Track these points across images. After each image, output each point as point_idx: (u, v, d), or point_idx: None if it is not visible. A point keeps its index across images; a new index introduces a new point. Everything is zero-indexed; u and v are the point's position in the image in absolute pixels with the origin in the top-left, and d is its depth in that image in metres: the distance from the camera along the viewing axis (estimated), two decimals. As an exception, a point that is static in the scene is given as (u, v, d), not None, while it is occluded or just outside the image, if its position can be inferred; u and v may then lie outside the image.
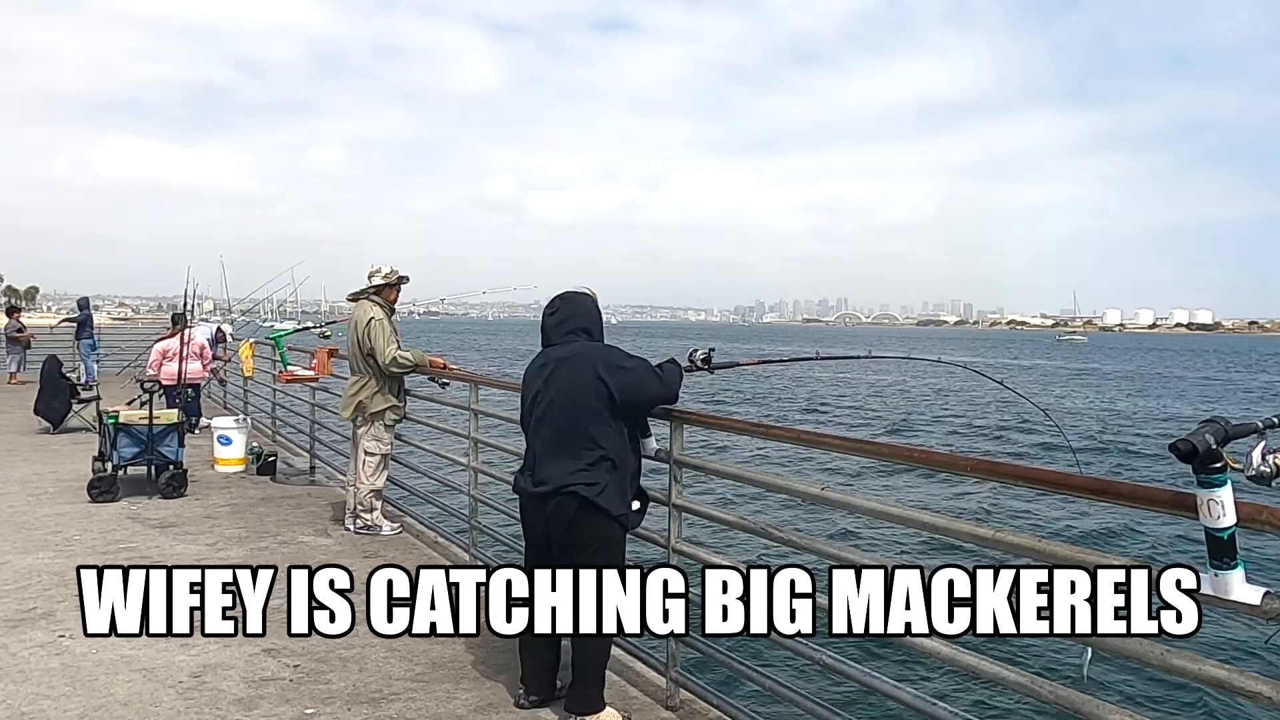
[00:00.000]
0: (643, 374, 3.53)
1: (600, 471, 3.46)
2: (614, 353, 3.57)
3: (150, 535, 6.40)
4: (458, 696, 3.83)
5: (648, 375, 3.55)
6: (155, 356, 11.02)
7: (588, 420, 3.47)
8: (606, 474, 3.46)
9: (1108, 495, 2.35)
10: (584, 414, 3.47)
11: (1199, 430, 1.96)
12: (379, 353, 6.27)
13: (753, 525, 3.64)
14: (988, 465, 2.82)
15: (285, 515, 7.14)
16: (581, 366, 3.51)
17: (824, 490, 3.24)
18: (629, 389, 3.47)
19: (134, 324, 36.33)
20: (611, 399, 3.44)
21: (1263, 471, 1.94)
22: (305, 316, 23.71)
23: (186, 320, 10.74)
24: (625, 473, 3.52)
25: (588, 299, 3.74)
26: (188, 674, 3.98)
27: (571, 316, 3.66)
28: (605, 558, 3.47)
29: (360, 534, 6.50)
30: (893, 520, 2.98)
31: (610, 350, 3.59)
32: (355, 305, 6.52)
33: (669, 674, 3.82)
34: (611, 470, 3.47)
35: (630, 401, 3.49)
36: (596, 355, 3.54)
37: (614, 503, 3.47)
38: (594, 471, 3.45)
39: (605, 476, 3.45)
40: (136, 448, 7.74)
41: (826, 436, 3.82)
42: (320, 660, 4.16)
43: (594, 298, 3.76)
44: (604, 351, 3.57)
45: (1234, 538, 1.96)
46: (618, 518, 3.50)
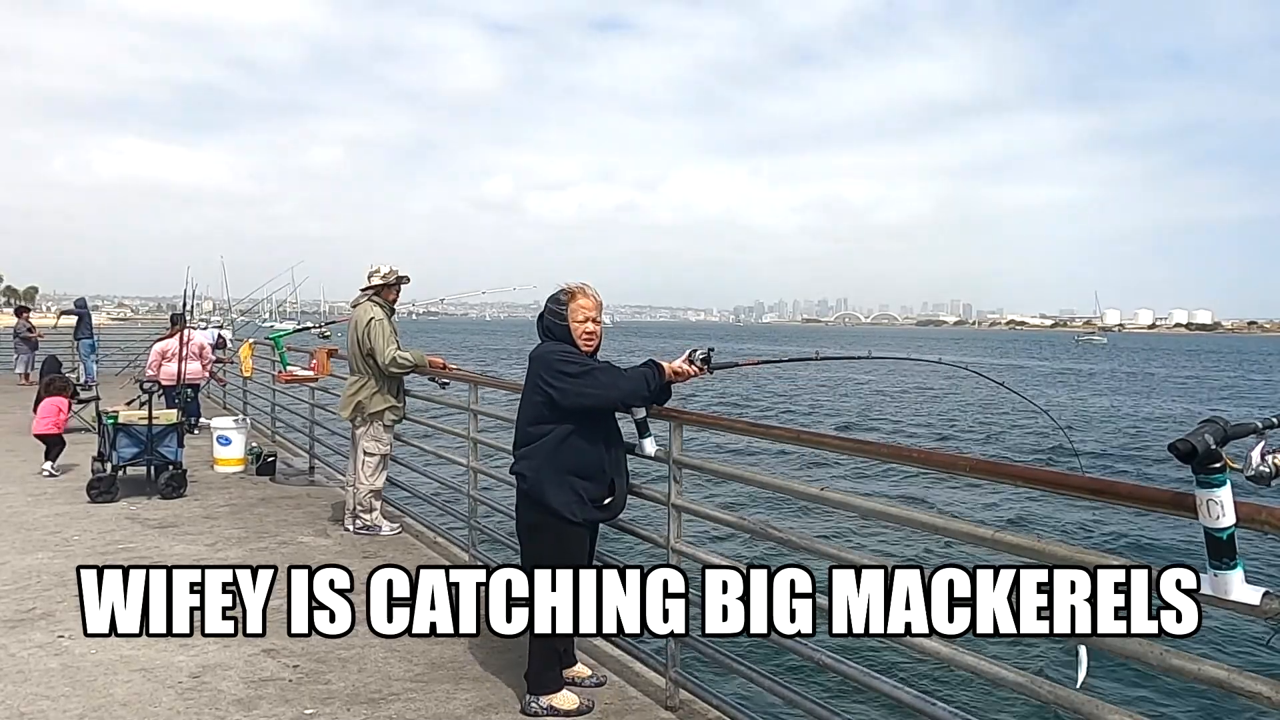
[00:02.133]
0: (587, 380, 3.64)
1: (539, 465, 3.65)
2: (555, 360, 3.69)
3: (150, 535, 6.40)
4: (457, 697, 3.83)
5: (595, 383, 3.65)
6: (154, 357, 11.02)
7: (538, 414, 3.71)
8: (549, 468, 3.64)
9: (1107, 495, 2.35)
10: (537, 409, 3.72)
11: (1198, 430, 1.96)
12: (379, 353, 6.26)
13: (752, 525, 3.64)
14: (986, 465, 2.82)
15: (285, 515, 7.14)
16: (534, 369, 3.77)
17: (823, 490, 3.24)
18: (571, 394, 3.63)
19: (133, 324, 36.32)
20: (559, 401, 3.65)
21: (1262, 472, 1.94)
22: (305, 316, 23.75)
23: (186, 321, 10.74)
24: (571, 469, 3.64)
25: (547, 303, 3.86)
26: (187, 674, 3.98)
27: (538, 322, 3.90)
28: (543, 552, 3.66)
29: (360, 534, 6.50)
30: (892, 520, 2.98)
31: (553, 350, 3.73)
32: (355, 306, 6.53)
33: (669, 674, 3.82)
34: (554, 466, 3.64)
35: (578, 404, 3.64)
36: (542, 361, 3.73)
37: (552, 496, 3.61)
38: (533, 463, 3.67)
39: (548, 471, 3.64)
40: (136, 448, 7.74)
41: (826, 436, 3.82)
42: (320, 660, 4.16)
43: (557, 292, 3.84)
44: (548, 357, 3.72)
45: (1233, 538, 1.96)
46: (558, 513, 3.62)
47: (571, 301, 3.79)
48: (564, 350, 3.71)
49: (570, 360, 3.66)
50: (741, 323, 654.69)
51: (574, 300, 3.79)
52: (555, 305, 3.81)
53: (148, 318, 59.26)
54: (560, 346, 3.73)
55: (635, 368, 3.76)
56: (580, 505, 3.65)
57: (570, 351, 3.71)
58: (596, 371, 3.68)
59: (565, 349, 3.72)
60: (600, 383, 3.65)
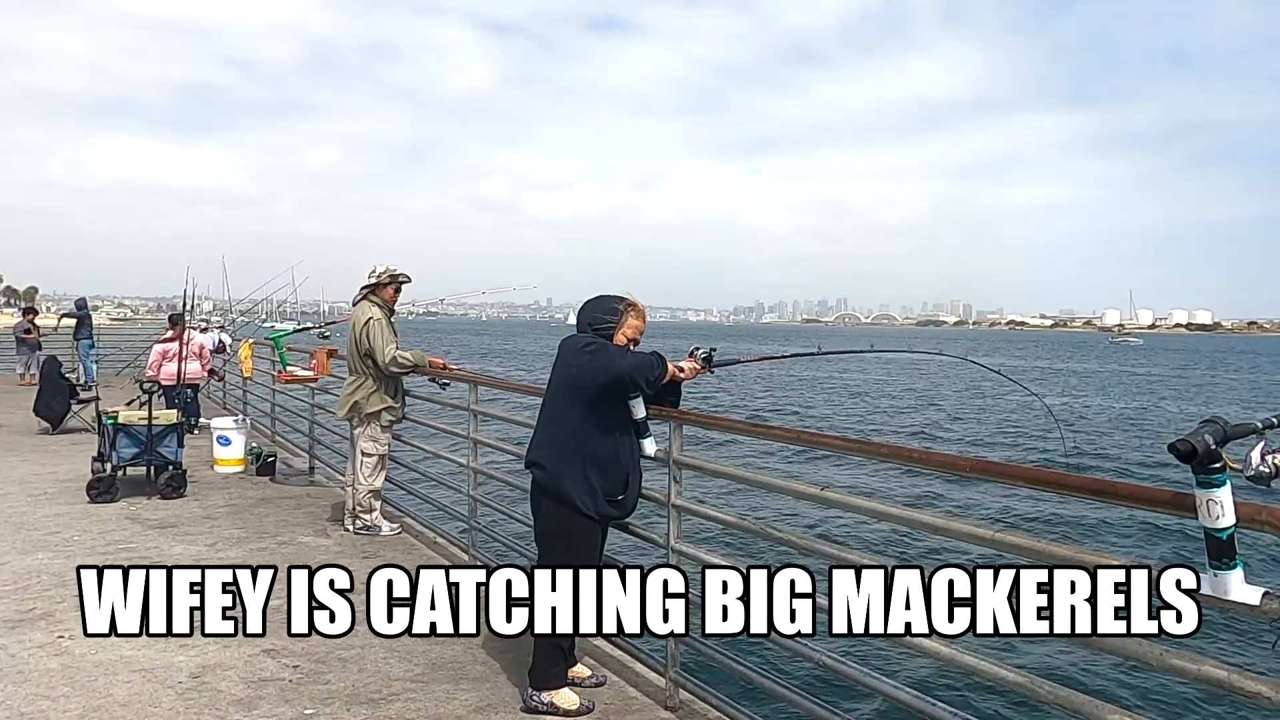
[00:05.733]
0: (599, 354, 3.62)
1: (556, 455, 3.65)
2: (581, 338, 3.72)
3: (149, 536, 6.39)
4: (457, 697, 3.83)
5: (606, 355, 3.62)
6: (155, 357, 11.03)
7: (557, 405, 3.72)
8: (565, 458, 3.63)
9: (1107, 495, 2.35)
10: (556, 399, 3.73)
11: (1198, 430, 1.95)
12: (378, 353, 6.26)
13: (752, 525, 3.64)
14: (986, 465, 2.82)
15: (284, 516, 7.14)
16: (561, 355, 3.76)
17: (824, 490, 3.24)
18: (587, 369, 3.61)
19: (133, 324, 36.29)
20: (575, 380, 3.64)
21: (1262, 472, 1.94)
22: (304, 317, 23.72)
23: (185, 321, 10.74)
24: (586, 459, 3.63)
25: (599, 301, 3.85)
26: (187, 674, 3.98)
27: (580, 314, 3.87)
28: (554, 544, 3.67)
29: (359, 534, 6.50)
30: (893, 520, 2.98)
31: (579, 336, 3.75)
32: (355, 306, 6.52)
33: (668, 674, 3.82)
34: (570, 456, 3.62)
35: (593, 381, 3.61)
36: (569, 343, 3.74)
37: (566, 485, 3.61)
38: (549, 452, 3.67)
39: (564, 460, 3.63)
40: (136, 448, 7.74)
41: (826, 436, 3.82)
42: (320, 661, 4.16)
43: (613, 302, 3.82)
44: (575, 338, 3.75)
45: (1233, 538, 1.95)
46: (571, 503, 3.61)
47: (629, 313, 3.80)
48: (590, 335, 3.74)
49: (592, 341, 3.69)
50: (731, 323, 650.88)
51: (631, 313, 3.80)
52: (608, 313, 3.79)
53: (147, 317, 59.18)
54: (586, 334, 3.76)
55: (645, 354, 3.77)
56: (593, 498, 3.65)
57: (595, 335, 3.74)
58: (610, 347, 3.69)
59: (593, 335, 3.74)
60: (611, 353, 3.65)
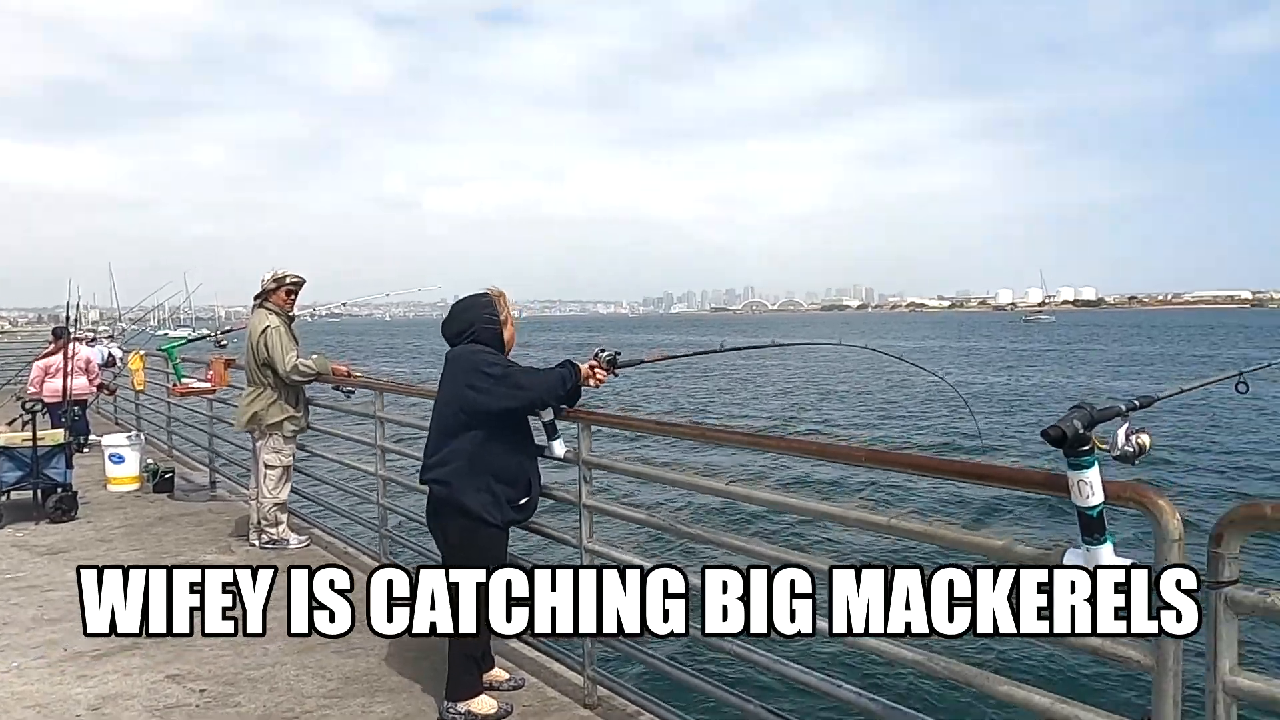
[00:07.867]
0: (506, 380, 3.61)
1: (458, 471, 3.61)
2: (479, 356, 3.67)
3: (39, 563, 6.10)
4: (374, 710, 3.79)
5: (513, 381, 3.62)
6: (37, 373, 10.47)
7: (453, 421, 3.66)
8: (467, 474, 3.61)
9: (988, 479, 2.48)
10: (456, 417, 3.66)
11: (1068, 416, 2.09)
12: (277, 362, 6.08)
13: (661, 522, 3.71)
14: (879, 455, 2.95)
15: (185, 534, 6.90)
16: (454, 371, 3.70)
17: (729, 485, 3.32)
18: (494, 395, 3.59)
19: (12, 338, 34.28)
20: (478, 404, 3.61)
21: (1126, 451, 2.09)
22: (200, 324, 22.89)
23: (70, 333, 10.23)
24: (491, 473, 3.62)
25: (474, 300, 3.81)
26: (85, 707, 3.83)
27: (452, 320, 3.82)
28: (464, 556, 3.63)
29: (266, 549, 6.32)
30: (795, 511, 3.08)
31: (476, 352, 3.69)
32: (251, 313, 6.32)
33: (585, 672, 3.85)
34: (473, 472, 3.61)
35: (499, 406, 3.61)
36: (466, 359, 3.69)
37: (470, 499, 3.60)
38: (450, 469, 3.63)
39: (466, 476, 3.60)
40: (20, 471, 7.35)
41: (728, 433, 3.90)
42: (228, 683, 4.05)
43: (489, 297, 3.80)
44: (472, 355, 3.69)
45: (1103, 515, 2.10)
46: (478, 516, 3.61)
47: (501, 301, 3.81)
48: (486, 351, 3.70)
49: (495, 362, 3.65)
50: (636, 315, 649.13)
51: (502, 300, 3.82)
52: (489, 310, 3.77)
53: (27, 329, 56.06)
54: (481, 348, 3.71)
55: (552, 369, 3.77)
56: (499, 508, 3.65)
57: (492, 353, 3.70)
58: (516, 372, 3.67)
59: (488, 350, 3.71)
60: (521, 384, 3.64)
